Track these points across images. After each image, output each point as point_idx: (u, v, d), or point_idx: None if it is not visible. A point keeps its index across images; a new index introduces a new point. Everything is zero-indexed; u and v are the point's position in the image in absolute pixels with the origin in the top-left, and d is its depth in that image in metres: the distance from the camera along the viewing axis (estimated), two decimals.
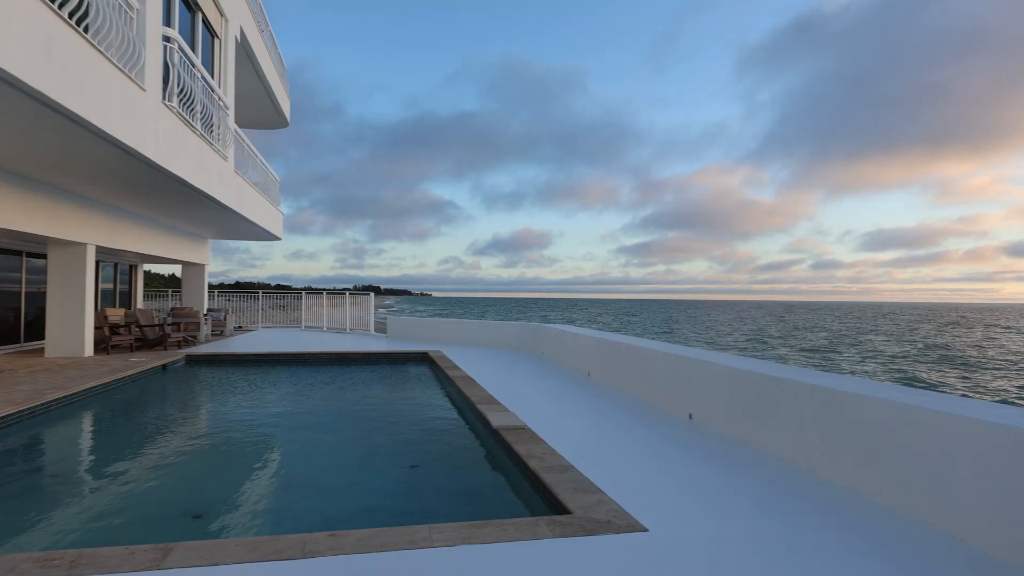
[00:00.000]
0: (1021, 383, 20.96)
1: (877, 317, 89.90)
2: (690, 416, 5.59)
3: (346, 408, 7.11)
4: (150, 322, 12.08)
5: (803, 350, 32.96)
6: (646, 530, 2.90)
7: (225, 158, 9.93)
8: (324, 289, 18.13)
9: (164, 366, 9.61)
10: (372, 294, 16.48)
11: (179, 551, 2.58)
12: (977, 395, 18.50)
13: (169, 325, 12.26)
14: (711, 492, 3.58)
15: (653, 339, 10.34)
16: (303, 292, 18.16)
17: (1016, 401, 17.43)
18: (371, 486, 4.34)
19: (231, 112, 10.66)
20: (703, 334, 45.38)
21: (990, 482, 2.78)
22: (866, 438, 3.53)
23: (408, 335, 14.41)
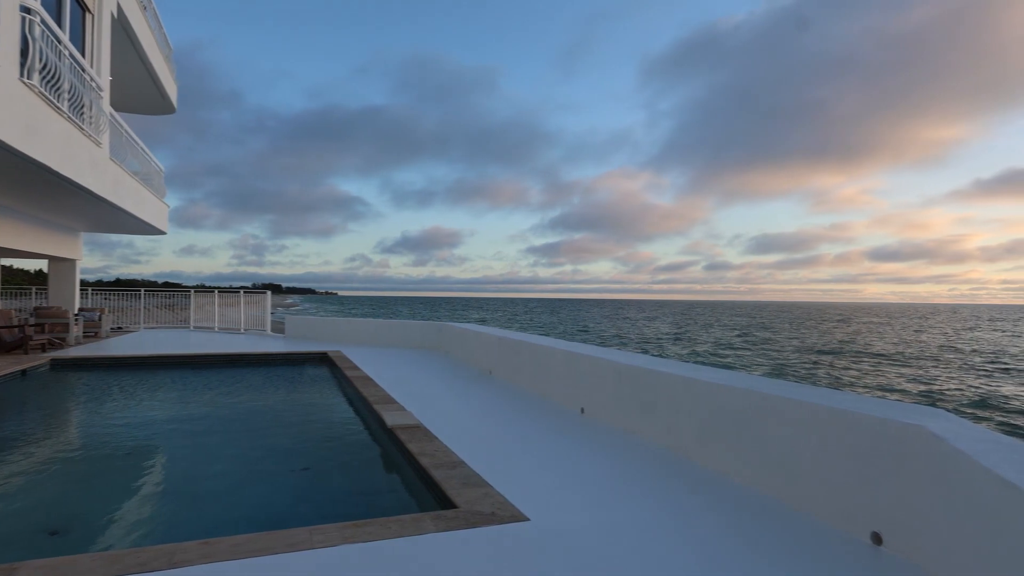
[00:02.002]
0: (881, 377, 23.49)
1: (778, 315, 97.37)
2: (582, 410, 5.83)
3: (235, 412, 6.77)
4: (7, 323, 10.84)
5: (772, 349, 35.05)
6: (528, 519, 3.02)
7: (98, 144, 9.10)
8: (217, 287, 17.06)
9: (24, 371, 8.66)
10: (269, 293, 15.72)
11: (24, 571, 2.38)
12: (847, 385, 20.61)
13: (31, 326, 11.05)
14: (595, 482, 3.78)
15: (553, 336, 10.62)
16: (192, 291, 16.98)
17: (856, 388, 19.58)
18: (256, 491, 4.17)
19: (106, 94, 9.79)
20: (649, 334, 47.05)
21: (825, 460, 3.15)
22: (732, 425, 3.87)
23: (307, 335, 13.90)
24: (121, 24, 10.86)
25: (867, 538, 2.87)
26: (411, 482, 4.16)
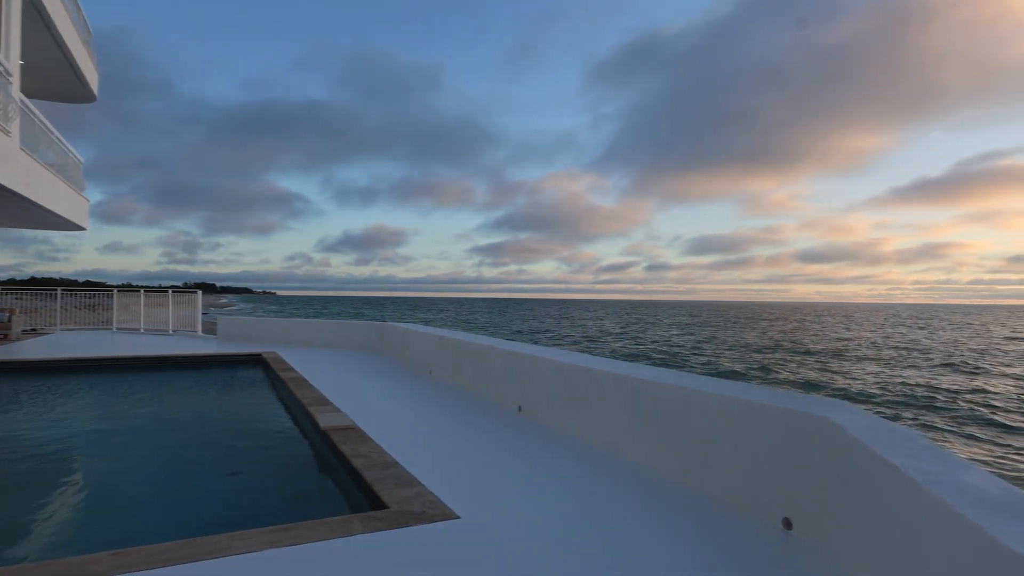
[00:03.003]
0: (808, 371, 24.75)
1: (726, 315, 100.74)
2: (519, 409, 5.90)
3: (159, 417, 6.46)
4: None
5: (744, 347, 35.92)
6: (458, 517, 3.05)
7: (7, 132, 8.49)
8: (143, 286, 16.19)
9: None
10: (199, 292, 15.06)
11: None
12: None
13: None
14: (528, 478, 3.84)
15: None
16: (115, 290, 16.05)
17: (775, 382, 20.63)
18: (180, 499, 4.02)
19: (15, 79, 9.14)
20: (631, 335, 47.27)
21: (741, 451, 3.32)
22: (658, 420, 4.01)
23: (241, 336, 13.41)
24: (33, 5, 10.16)
25: (779, 523, 3.05)
26: (344, 484, 4.10)
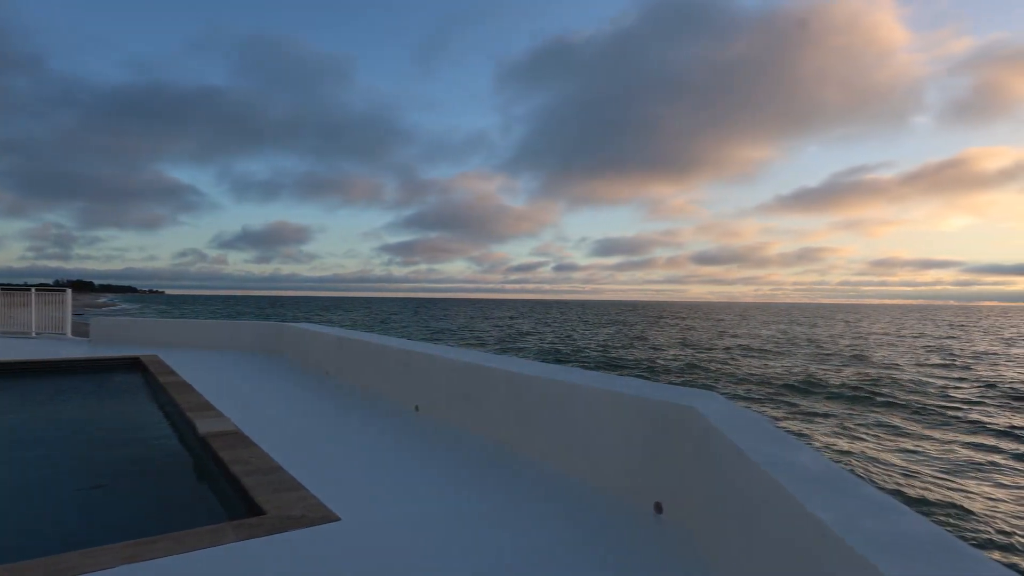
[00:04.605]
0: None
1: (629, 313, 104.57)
2: (416, 408, 5.87)
3: (15, 429, 5.82)
4: None
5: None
6: (339, 519, 2.99)
7: None
8: (4, 284, 14.45)
9: None
10: (70, 291, 13.67)
11: None
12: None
13: None
14: (419, 477, 3.83)
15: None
16: None
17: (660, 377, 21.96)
18: (32, 517, 3.64)
19: None
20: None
21: (619, 441, 3.50)
22: (546, 415, 4.14)
23: (118, 338, 12.32)
24: None
25: (651, 508, 3.24)
26: (223, 492, 3.89)
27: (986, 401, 17.43)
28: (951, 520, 8.32)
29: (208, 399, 6.12)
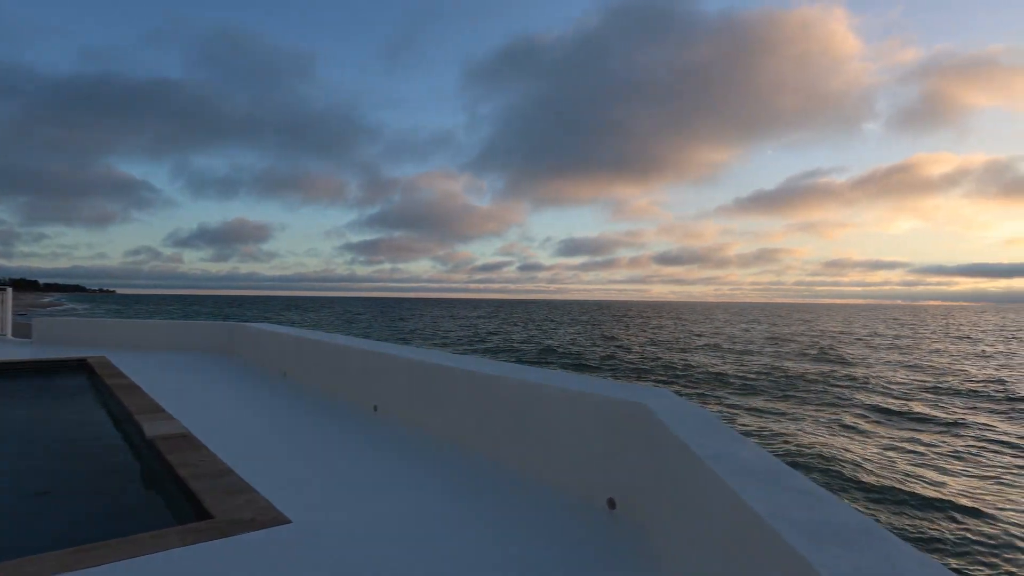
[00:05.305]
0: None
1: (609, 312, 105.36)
2: (375, 408, 5.81)
3: None
4: None
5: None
6: (289, 522, 2.94)
7: None
8: None
9: None
10: (10, 289, 13.05)
11: None
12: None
13: None
14: (374, 479, 3.80)
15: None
16: None
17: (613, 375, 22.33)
18: None
19: None
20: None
21: (574, 439, 3.55)
22: (505, 414, 4.16)
23: (63, 339, 11.81)
24: None
25: (605, 504, 3.29)
26: (171, 497, 3.79)
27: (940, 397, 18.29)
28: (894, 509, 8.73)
29: (158, 401, 5.94)
